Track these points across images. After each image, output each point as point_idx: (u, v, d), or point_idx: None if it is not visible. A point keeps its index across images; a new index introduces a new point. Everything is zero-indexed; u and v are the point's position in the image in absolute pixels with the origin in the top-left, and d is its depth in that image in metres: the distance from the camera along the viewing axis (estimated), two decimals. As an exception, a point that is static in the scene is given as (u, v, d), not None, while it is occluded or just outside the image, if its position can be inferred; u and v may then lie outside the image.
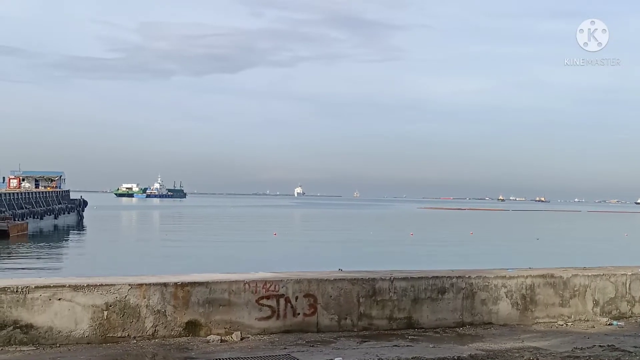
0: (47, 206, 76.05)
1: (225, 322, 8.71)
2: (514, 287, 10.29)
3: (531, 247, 53.66)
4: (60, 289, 8.07)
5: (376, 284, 9.54)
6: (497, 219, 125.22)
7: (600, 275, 10.97)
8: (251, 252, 45.89)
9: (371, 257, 42.12)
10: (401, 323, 9.58)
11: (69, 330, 8.04)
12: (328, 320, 9.22)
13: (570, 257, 37.79)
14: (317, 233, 71.84)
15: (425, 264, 30.07)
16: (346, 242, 57.74)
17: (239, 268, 15.17)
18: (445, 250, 49.30)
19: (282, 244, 54.32)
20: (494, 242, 60.76)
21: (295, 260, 38.58)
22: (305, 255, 44.48)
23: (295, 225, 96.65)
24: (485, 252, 48.64)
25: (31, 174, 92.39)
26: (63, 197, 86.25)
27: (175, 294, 8.54)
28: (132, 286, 8.37)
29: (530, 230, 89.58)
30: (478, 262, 32.23)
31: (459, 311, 9.92)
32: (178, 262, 37.86)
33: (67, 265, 38.94)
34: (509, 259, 36.21)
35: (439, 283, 9.87)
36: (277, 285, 9.00)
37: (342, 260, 33.24)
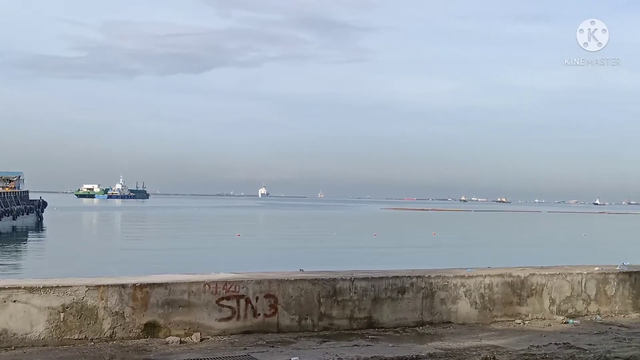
0: (5, 207, 74.52)
1: (184, 323, 8.65)
2: (473, 287, 10.43)
3: (491, 247, 54.34)
4: (16, 291, 7.94)
5: (337, 284, 9.58)
6: (459, 220, 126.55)
7: (557, 275, 11.17)
8: (213, 253, 45.61)
9: (333, 257, 42.21)
10: (362, 323, 9.63)
11: (25, 332, 7.91)
12: (289, 320, 9.23)
13: (528, 257, 38.35)
14: (280, 234, 71.72)
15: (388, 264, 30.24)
16: (309, 243, 57.78)
17: (201, 269, 15.05)
18: (407, 251, 49.64)
19: (245, 245, 54.11)
20: (455, 243, 61.37)
21: (257, 261, 38.47)
22: (267, 256, 44.37)
23: (259, 226, 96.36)
24: (447, 252, 49.12)
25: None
26: (22, 198, 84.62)
27: (134, 295, 8.46)
28: (90, 287, 8.27)
29: (491, 230, 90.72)
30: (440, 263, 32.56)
31: (419, 310, 10.02)
32: (138, 263, 37.44)
33: (24, 266, 38.23)
34: (469, 259, 36.63)
35: (399, 283, 9.95)
36: (237, 286, 8.98)
37: (303, 260, 33.23)
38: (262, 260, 39.38)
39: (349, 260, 37.55)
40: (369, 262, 35.06)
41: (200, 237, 62.84)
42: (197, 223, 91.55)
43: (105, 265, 35.29)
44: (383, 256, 44.28)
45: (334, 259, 39.78)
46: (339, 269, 11.65)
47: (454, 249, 53.35)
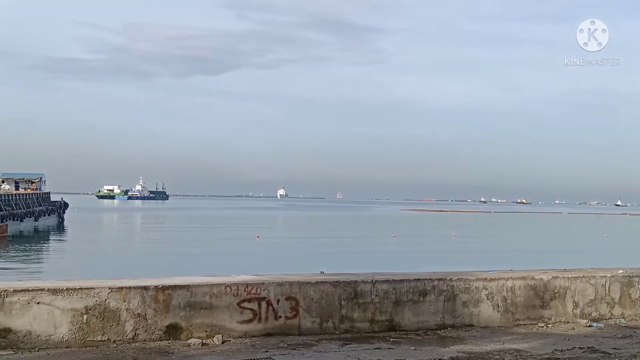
0: (27, 208, 75.32)
1: (206, 326, 8.66)
2: (495, 290, 10.34)
3: (512, 249, 53.96)
4: (39, 293, 7.99)
5: (358, 286, 9.54)
6: (478, 221, 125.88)
7: (580, 278, 11.05)
8: (233, 255, 45.75)
9: (353, 259, 42.17)
10: (383, 325, 9.59)
11: (48, 334, 7.97)
12: (310, 323, 9.21)
13: (550, 259, 38.03)
14: (300, 235, 71.77)
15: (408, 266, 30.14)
16: (328, 245, 57.75)
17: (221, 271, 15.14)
18: (427, 253, 49.45)
19: (264, 247, 54.20)
20: (475, 244, 61.02)
21: (277, 262, 38.52)
22: (287, 257, 44.41)
23: (278, 227, 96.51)
24: (467, 254, 48.84)
25: (11, 176, 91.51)
26: (43, 199, 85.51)
27: (156, 297, 8.48)
28: (112, 289, 8.30)
29: (512, 231, 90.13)
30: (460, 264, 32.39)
31: (441, 313, 9.95)
32: (159, 265, 37.65)
33: (47, 268, 38.61)
34: (490, 261, 36.39)
35: (420, 285, 9.89)
36: (258, 288, 8.98)
37: (324, 262, 33.20)
38: (282, 262, 39.42)
39: (369, 262, 37.47)
40: (388, 264, 34.99)
41: (220, 238, 63.07)
42: (216, 224, 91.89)
43: (126, 267, 35.52)
44: (403, 258, 44.15)
45: (354, 261, 39.75)
46: (359, 271, 11.62)
47: (474, 250, 53.05)
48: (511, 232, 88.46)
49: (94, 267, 35.78)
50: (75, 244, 56.36)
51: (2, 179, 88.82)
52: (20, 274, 33.65)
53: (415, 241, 63.75)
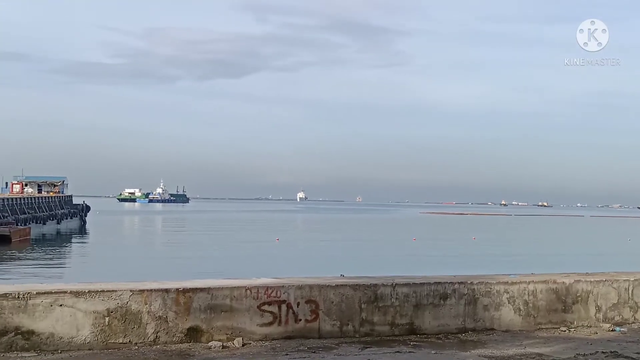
0: (49, 211, 76.11)
1: (226, 328, 8.69)
2: (517, 293, 10.26)
3: (533, 252, 53.57)
4: (62, 295, 8.06)
5: (378, 289, 9.52)
6: (499, 224, 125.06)
7: (602, 281, 10.93)
8: (253, 258, 45.87)
9: (373, 262, 42.09)
10: (403, 329, 9.55)
11: (71, 336, 8.04)
12: (330, 326, 9.20)
13: (572, 263, 37.73)
14: (319, 238, 71.79)
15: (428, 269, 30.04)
16: (348, 248, 57.70)
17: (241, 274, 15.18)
18: (447, 256, 49.23)
19: (284, 249, 54.27)
20: (496, 247, 60.65)
21: (297, 265, 38.58)
22: (307, 260, 44.46)
23: (298, 230, 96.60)
24: (487, 257, 48.55)
25: (34, 179, 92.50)
26: (66, 202, 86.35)
27: (177, 300, 8.53)
28: (134, 292, 8.36)
29: (533, 235, 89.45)
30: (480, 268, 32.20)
31: (461, 317, 9.90)
32: (180, 267, 37.86)
33: (69, 270, 38.97)
34: (511, 265, 36.16)
35: (441, 289, 9.84)
36: (278, 291, 8.99)
37: (343, 265, 33.18)
38: (302, 265, 39.48)
39: (389, 265, 37.42)
40: (408, 267, 34.89)
41: (240, 241, 63.25)
42: (236, 227, 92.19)
43: (147, 269, 35.74)
44: (423, 261, 44.01)
45: (374, 264, 39.68)
46: (379, 274, 11.59)
47: (494, 254, 52.72)
48: (532, 235, 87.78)
49: (115, 270, 36.04)
50: (97, 247, 56.84)
51: (25, 182, 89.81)
52: (42, 276, 33.99)
53: (436, 244, 63.50)
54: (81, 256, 49.21)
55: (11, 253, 46.48)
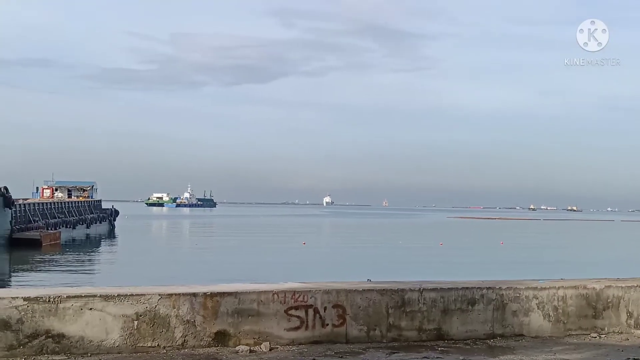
0: (79, 216, 76.99)
1: (254, 333, 8.71)
2: (546, 299, 10.15)
3: (563, 258, 52.96)
4: (92, 299, 8.15)
5: (405, 294, 9.47)
6: (527, 229, 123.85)
7: (634, 287, 10.76)
8: (280, 262, 45.95)
9: (400, 267, 41.95)
10: (431, 334, 9.50)
11: (100, 339, 8.12)
12: (357, 331, 9.18)
13: (602, 268, 37.21)
14: (346, 242, 71.72)
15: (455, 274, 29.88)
16: (375, 252, 57.58)
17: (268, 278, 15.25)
18: (475, 261, 48.87)
19: (310, 254, 54.31)
20: (524, 252, 60.07)
21: (323, 270, 38.56)
22: (333, 265, 44.43)
23: (324, 234, 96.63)
24: (515, 262, 48.10)
25: (64, 184, 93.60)
26: (95, 207, 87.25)
27: (205, 304, 8.57)
28: (162, 296, 8.42)
29: (562, 240, 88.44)
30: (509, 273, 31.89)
31: (490, 323, 9.81)
32: (207, 271, 38.07)
33: (98, 274, 39.39)
34: (540, 270, 35.77)
35: (468, 294, 9.77)
36: (305, 296, 8.99)
37: (370, 270, 33.12)
38: (329, 269, 39.45)
39: (416, 270, 37.23)
40: (436, 272, 34.70)
41: (267, 245, 63.43)
42: (263, 232, 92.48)
43: (174, 273, 36.00)
44: (450, 266, 43.74)
45: (401, 269, 39.54)
46: (406, 278, 11.55)
47: (522, 258, 52.22)
48: (561, 240, 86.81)
49: (143, 274, 36.35)
50: (126, 251, 57.40)
51: (55, 187, 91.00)
52: (72, 280, 34.41)
53: (463, 249, 63.07)
54: (110, 260, 49.74)
55: (42, 257, 47.14)
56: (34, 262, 43.92)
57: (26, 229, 57.51)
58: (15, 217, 57.31)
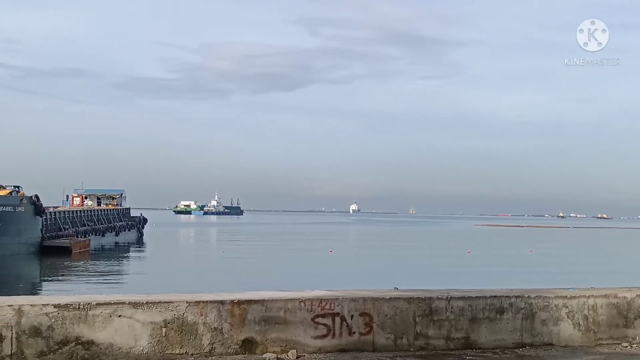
0: (108, 223, 77.76)
1: (281, 340, 8.72)
2: (576, 308, 10.02)
3: (593, 266, 52.22)
4: (121, 306, 8.22)
5: (433, 303, 9.41)
6: (556, 237, 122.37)
7: (666, 296, 10.57)
8: (307, 270, 45.96)
9: (427, 275, 41.70)
10: (459, 343, 9.42)
11: (129, 346, 8.18)
12: (384, 339, 9.14)
13: (634, 277, 36.63)
14: (373, 250, 71.50)
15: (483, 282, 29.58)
16: (402, 260, 57.31)
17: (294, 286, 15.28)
18: (503, 269, 48.40)
19: (337, 262, 54.23)
20: (553, 260, 59.35)
21: (350, 277, 38.49)
22: (360, 272, 44.30)
23: (351, 242, 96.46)
24: (544, 270, 47.54)
25: (93, 192, 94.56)
26: (124, 215, 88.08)
27: (232, 311, 8.60)
28: (190, 303, 8.46)
29: (592, 248, 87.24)
30: (538, 281, 31.57)
31: (519, 332, 9.71)
32: (234, 279, 38.21)
33: (127, 281, 39.73)
34: (569, 278, 35.31)
35: (497, 303, 9.68)
36: (332, 304, 8.97)
37: (397, 278, 32.98)
38: (355, 277, 39.36)
39: (443, 278, 36.99)
40: (463, 280, 34.46)
41: (293, 253, 63.49)
42: (289, 239, 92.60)
43: (202, 281, 36.21)
44: (478, 274, 43.36)
45: (428, 277, 39.31)
46: (433, 287, 11.49)
47: (551, 267, 51.60)
48: (591, 249, 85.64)
49: (171, 281, 36.61)
50: (154, 258, 57.85)
51: (85, 195, 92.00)
52: (101, 287, 34.76)
53: (491, 257, 62.51)
54: (138, 267, 50.15)
55: (71, 264, 47.69)
56: (64, 270, 44.46)
57: (56, 236, 58.32)
58: (45, 225, 58.15)
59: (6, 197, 54.19)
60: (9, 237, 51.12)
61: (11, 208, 52.43)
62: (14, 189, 57.02)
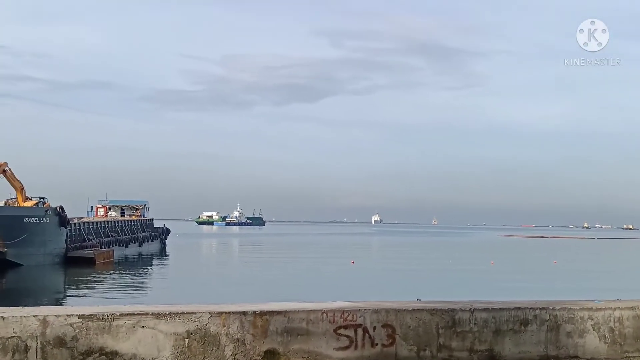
0: (132, 234, 78.33)
1: (303, 352, 8.70)
2: (601, 320, 9.89)
3: (618, 278, 51.54)
4: (144, 317, 8.26)
5: (456, 314, 9.35)
6: (581, 248, 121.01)
7: (694, 308, 10.40)
8: (329, 280, 45.89)
9: (450, 286, 41.42)
10: (482, 355, 9.34)
11: (152, 357, 8.21)
12: (407, 351, 9.09)
13: (661, 288, 36.05)
14: (395, 261, 71.21)
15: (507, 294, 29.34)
16: (424, 271, 57.02)
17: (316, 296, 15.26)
18: (527, 280, 47.94)
19: (359, 272, 54.08)
20: (578, 272, 58.68)
21: (372, 288, 38.36)
22: (382, 283, 44.13)
23: (373, 253, 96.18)
24: (569, 282, 47.01)
25: (117, 203, 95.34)
26: (147, 226, 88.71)
27: (254, 322, 8.60)
28: (213, 314, 8.48)
29: (618, 259, 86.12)
30: (562, 293, 31.23)
31: (543, 344, 9.60)
32: (256, 289, 38.24)
33: (150, 292, 39.95)
34: (594, 290, 34.88)
35: (521, 314, 9.58)
36: (354, 315, 8.95)
37: (420, 289, 32.80)
38: (378, 288, 39.22)
39: (466, 289, 36.72)
40: (487, 291, 34.17)
41: (316, 264, 63.42)
42: (312, 250, 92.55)
43: (224, 291, 36.29)
44: (501, 285, 42.99)
45: (450, 288, 39.05)
46: (456, 298, 11.42)
47: (576, 278, 51.02)
48: (617, 260, 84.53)
49: (193, 292, 36.74)
50: (176, 269, 58.13)
51: (109, 206, 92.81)
52: (125, 297, 34.97)
53: (514, 268, 61.95)
54: (161, 278, 50.42)
55: (95, 275, 48.08)
56: (88, 280, 44.82)
57: (80, 247, 58.88)
58: (70, 236, 58.74)
59: (32, 209, 54.86)
60: (34, 247, 51.70)
61: (37, 219, 53.04)
62: (39, 200, 57.71)
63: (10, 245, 49.17)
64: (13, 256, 49.50)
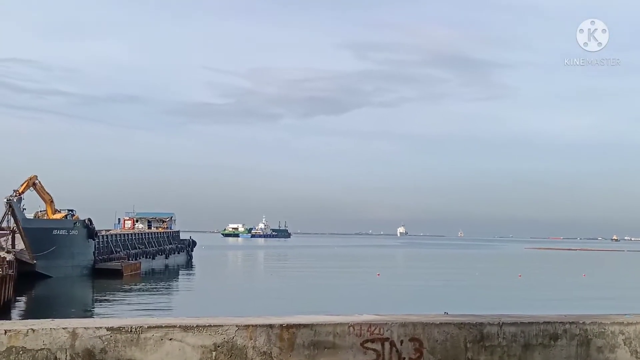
0: (158, 246, 78.80)
1: (330, 365, 8.66)
2: (633, 334, 9.72)
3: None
4: (172, 329, 8.29)
5: (484, 328, 9.25)
6: (611, 261, 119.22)
7: None
8: (355, 293, 45.72)
9: (477, 299, 41.05)
10: (511, 370, 9.23)
11: (180, 369, 8.23)
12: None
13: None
14: (421, 274, 70.75)
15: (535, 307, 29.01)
16: (451, 284, 56.56)
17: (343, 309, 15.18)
18: (555, 293, 47.33)
19: (385, 285, 53.82)
20: (608, 285, 57.79)
21: (399, 302, 38.16)
22: (409, 296, 43.88)
23: (399, 265, 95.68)
24: (599, 295, 46.31)
25: (144, 215, 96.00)
26: (174, 238, 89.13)
27: (281, 335, 8.59)
28: (239, 327, 8.48)
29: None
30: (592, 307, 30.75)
31: (573, 358, 9.45)
32: (283, 302, 38.24)
33: (177, 304, 40.14)
34: (625, 303, 34.33)
35: (550, 329, 9.46)
36: (381, 329, 8.90)
37: (447, 302, 32.55)
38: (404, 301, 39.01)
39: (494, 303, 36.36)
40: (515, 305, 33.80)
41: (341, 276, 63.24)
42: (337, 262, 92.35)
43: (250, 304, 36.33)
44: (530, 298, 42.51)
45: (478, 301, 38.70)
46: (484, 311, 11.31)
47: (606, 291, 50.25)
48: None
49: (220, 304, 36.83)
50: (203, 281, 58.35)
51: (136, 218, 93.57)
52: (151, 310, 35.16)
53: (543, 281, 61.24)
54: (188, 290, 50.64)
55: (123, 286, 48.44)
56: (115, 292, 45.16)
57: (108, 259, 59.40)
58: (98, 248, 59.30)
59: (61, 221, 55.57)
60: (63, 259, 52.31)
61: (65, 231, 53.69)
62: (68, 213, 58.46)
63: (40, 257, 49.82)
64: (42, 268, 50.11)
